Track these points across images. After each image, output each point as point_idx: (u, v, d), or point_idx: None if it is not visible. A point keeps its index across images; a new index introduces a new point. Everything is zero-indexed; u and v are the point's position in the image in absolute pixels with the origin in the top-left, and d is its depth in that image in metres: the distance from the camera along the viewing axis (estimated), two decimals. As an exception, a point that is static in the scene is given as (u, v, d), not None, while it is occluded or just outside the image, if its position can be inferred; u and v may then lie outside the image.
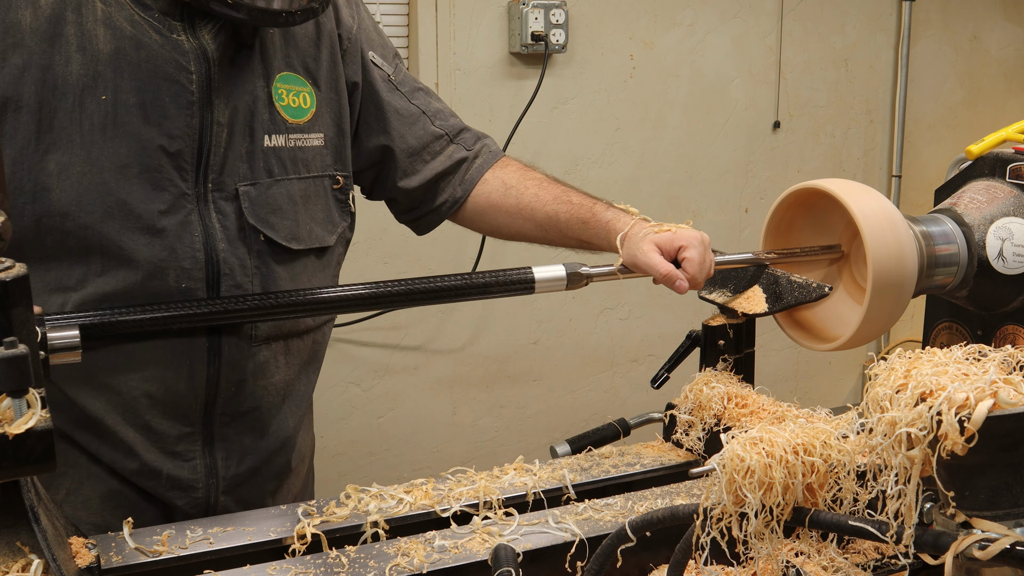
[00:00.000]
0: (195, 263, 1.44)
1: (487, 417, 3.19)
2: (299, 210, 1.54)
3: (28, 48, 1.36)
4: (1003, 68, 3.89)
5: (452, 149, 1.74)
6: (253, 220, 1.48)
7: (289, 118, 1.53)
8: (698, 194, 3.36)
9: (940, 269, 1.71)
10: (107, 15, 1.39)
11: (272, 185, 1.51)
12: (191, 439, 1.51)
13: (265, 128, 1.50)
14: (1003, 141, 1.88)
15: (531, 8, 2.88)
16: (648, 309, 3.35)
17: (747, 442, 1.03)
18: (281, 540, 1.31)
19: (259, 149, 1.50)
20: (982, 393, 0.86)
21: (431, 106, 1.74)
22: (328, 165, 1.60)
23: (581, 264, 1.58)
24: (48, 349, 1.22)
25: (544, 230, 1.72)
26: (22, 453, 0.92)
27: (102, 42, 1.38)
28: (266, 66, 1.51)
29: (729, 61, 3.33)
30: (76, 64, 1.37)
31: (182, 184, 1.43)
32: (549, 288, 1.56)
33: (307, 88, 1.56)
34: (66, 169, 1.38)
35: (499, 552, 1.20)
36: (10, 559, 1.02)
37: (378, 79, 1.68)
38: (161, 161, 1.41)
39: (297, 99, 1.54)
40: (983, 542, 0.88)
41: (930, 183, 3.59)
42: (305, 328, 1.62)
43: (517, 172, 1.76)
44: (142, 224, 1.41)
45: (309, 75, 1.57)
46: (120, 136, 1.39)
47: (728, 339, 1.64)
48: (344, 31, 1.63)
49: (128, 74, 1.39)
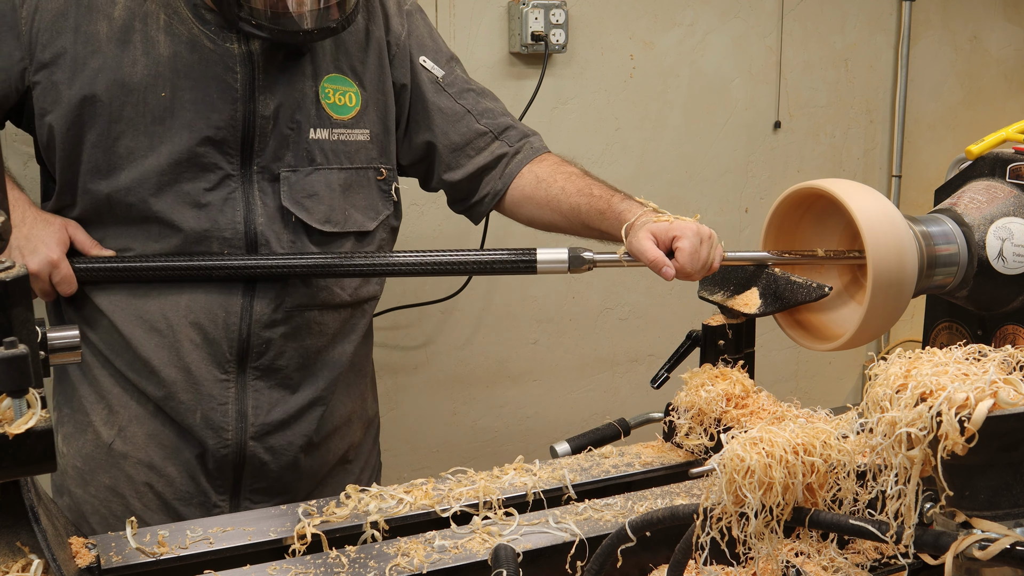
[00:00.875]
0: (235, 234, 1.67)
1: (487, 417, 3.19)
2: (336, 197, 1.74)
3: (104, 54, 1.62)
4: (1003, 68, 3.89)
5: (495, 145, 1.89)
6: (287, 203, 1.70)
7: (334, 115, 1.74)
8: (698, 194, 3.36)
9: (940, 269, 1.71)
10: (169, 24, 1.65)
11: (312, 172, 1.72)
12: (225, 385, 1.70)
13: (311, 122, 1.72)
14: (1003, 141, 1.88)
15: (531, 8, 2.88)
16: (648, 309, 3.35)
17: (747, 442, 1.03)
18: (281, 540, 1.31)
19: (304, 140, 1.71)
20: (982, 393, 0.86)
21: (479, 106, 1.90)
22: (373, 159, 1.80)
23: (585, 249, 1.66)
24: (48, 349, 1.23)
25: (569, 221, 1.84)
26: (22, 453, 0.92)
27: (163, 47, 1.64)
28: (315, 68, 1.73)
29: (729, 61, 3.32)
30: (141, 66, 1.63)
31: (227, 166, 1.67)
32: (552, 270, 1.67)
33: (353, 88, 1.77)
34: (132, 153, 1.64)
35: (499, 552, 1.20)
36: (10, 559, 1.02)
37: (425, 81, 1.86)
38: (208, 147, 1.65)
39: (343, 98, 1.76)
40: (983, 542, 0.88)
41: (930, 183, 3.59)
42: (340, 302, 1.79)
43: (551, 166, 1.88)
44: (190, 199, 1.65)
45: (356, 76, 1.78)
46: (176, 126, 1.64)
47: (728, 339, 1.64)
48: (392, 37, 1.83)
49: (184, 74, 1.64)
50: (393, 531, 1.34)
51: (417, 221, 2.77)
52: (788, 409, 1.51)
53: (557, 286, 3.14)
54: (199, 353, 1.69)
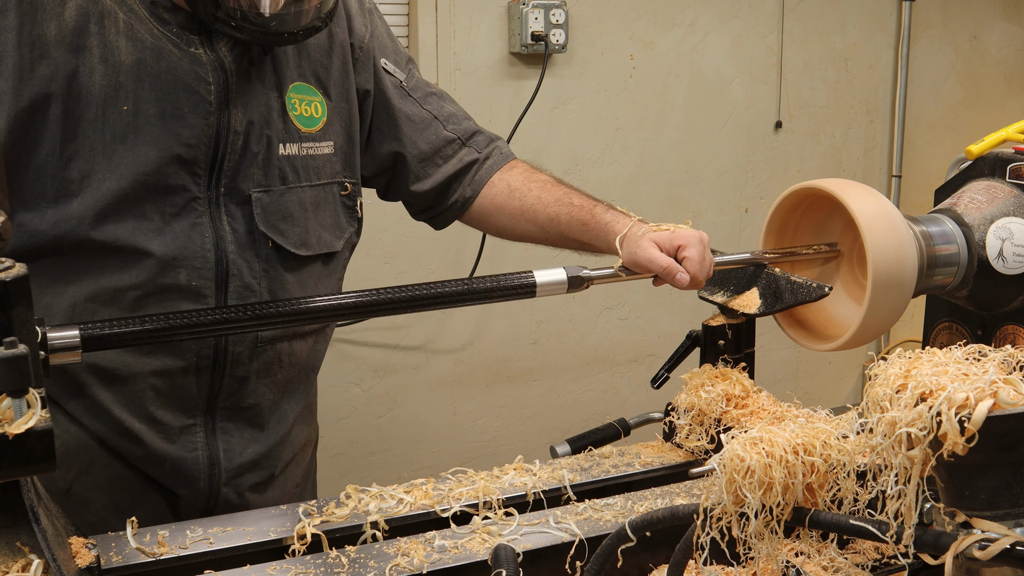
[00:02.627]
0: (205, 263, 1.50)
1: (487, 417, 3.19)
2: (309, 217, 1.59)
3: (54, 59, 1.40)
4: (1003, 68, 3.89)
5: (464, 152, 1.77)
6: (264, 227, 1.54)
7: (302, 127, 1.58)
8: (698, 194, 3.36)
9: (940, 269, 1.71)
10: (129, 27, 1.43)
11: (285, 192, 1.56)
12: (193, 430, 1.55)
13: (280, 136, 1.55)
14: (1003, 141, 1.88)
15: (531, 8, 2.88)
16: (648, 309, 3.35)
17: (747, 442, 1.03)
18: (281, 540, 1.31)
19: (275, 156, 1.55)
20: (982, 393, 0.86)
21: (444, 110, 1.77)
22: (337, 172, 1.64)
23: (582, 267, 1.58)
24: (48, 349, 1.23)
25: (546, 232, 1.74)
26: (22, 453, 0.92)
27: (124, 53, 1.43)
28: (279, 77, 1.56)
29: (729, 61, 3.33)
30: (99, 75, 1.42)
31: (194, 188, 1.49)
32: (551, 292, 1.56)
33: (318, 97, 1.61)
34: (87, 176, 1.43)
35: (499, 552, 1.20)
36: (10, 559, 1.02)
37: (390, 86, 1.72)
38: (176, 168, 1.46)
39: (309, 108, 1.59)
40: (983, 542, 0.88)
41: (930, 183, 3.59)
42: (310, 330, 1.66)
43: (523, 174, 1.78)
44: (154, 226, 1.47)
45: (320, 85, 1.62)
46: (140, 145, 1.44)
47: (728, 339, 1.64)
48: (356, 40, 1.67)
49: (149, 84, 1.44)
50: (393, 531, 1.34)
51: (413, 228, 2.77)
52: (788, 409, 1.51)
53: (557, 286, 3.14)
54: (163, 400, 1.52)
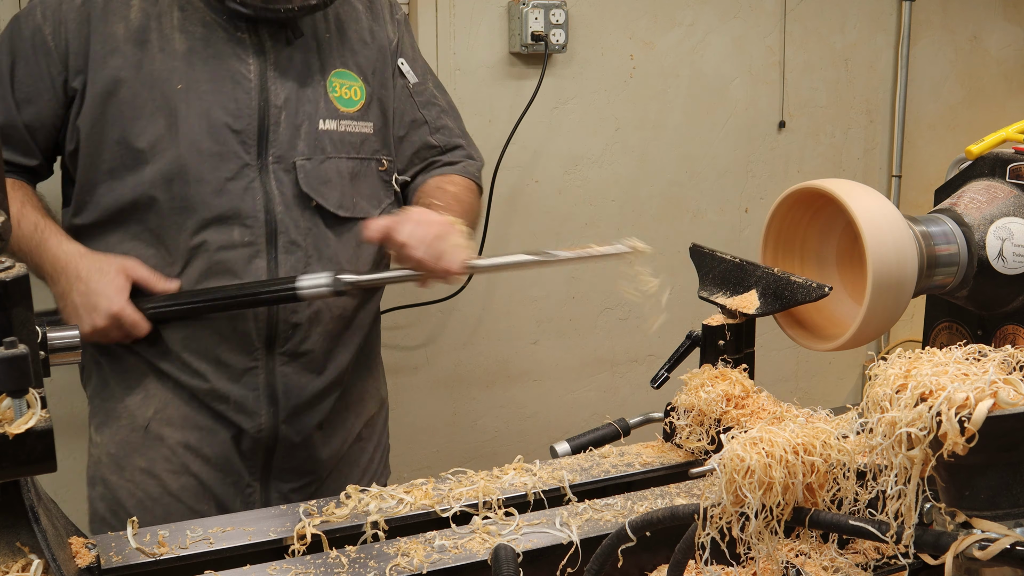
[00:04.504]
0: (256, 221, 1.74)
1: (487, 417, 3.18)
2: (346, 184, 1.83)
3: (122, 53, 1.71)
4: (1003, 68, 3.89)
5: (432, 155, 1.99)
6: (306, 188, 1.78)
7: (341, 107, 1.83)
8: (698, 194, 3.36)
9: (940, 269, 1.71)
10: (182, 22, 1.74)
11: (324, 161, 1.80)
12: (255, 372, 1.78)
13: (321, 114, 1.80)
14: (1003, 141, 1.88)
15: (531, 8, 2.88)
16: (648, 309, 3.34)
17: (747, 442, 1.03)
18: (281, 540, 1.31)
19: (315, 131, 1.80)
20: (982, 393, 0.86)
21: (439, 121, 2.01)
22: (376, 150, 1.89)
23: (349, 273, 1.74)
24: (48, 349, 1.23)
25: None
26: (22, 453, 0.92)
27: (178, 43, 1.73)
28: (323, 62, 1.83)
29: (729, 61, 3.32)
30: (158, 62, 1.71)
31: (245, 156, 1.74)
32: (315, 295, 1.71)
33: (358, 83, 1.87)
34: (154, 146, 1.71)
35: (499, 552, 1.20)
36: (10, 559, 1.02)
37: (399, 86, 1.95)
38: (227, 136, 1.73)
39: (349, 91, 1.85)
40: (983, 542, 0.88)
41: (930, 183, 3.59)
42: None
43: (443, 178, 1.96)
44: (212, 188, 1.72)
45: (360, 72, 1.88)
46: (194, 117, 1.71)
47: (728, 339, 1.64)
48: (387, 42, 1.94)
49: (199, 67, 1.73)
50: (393, 531, 1.34)
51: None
52: (788, 409, 1.50)
53: (557, 286, 3.14)
54: (228, 344, 1.76)
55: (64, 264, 1.69)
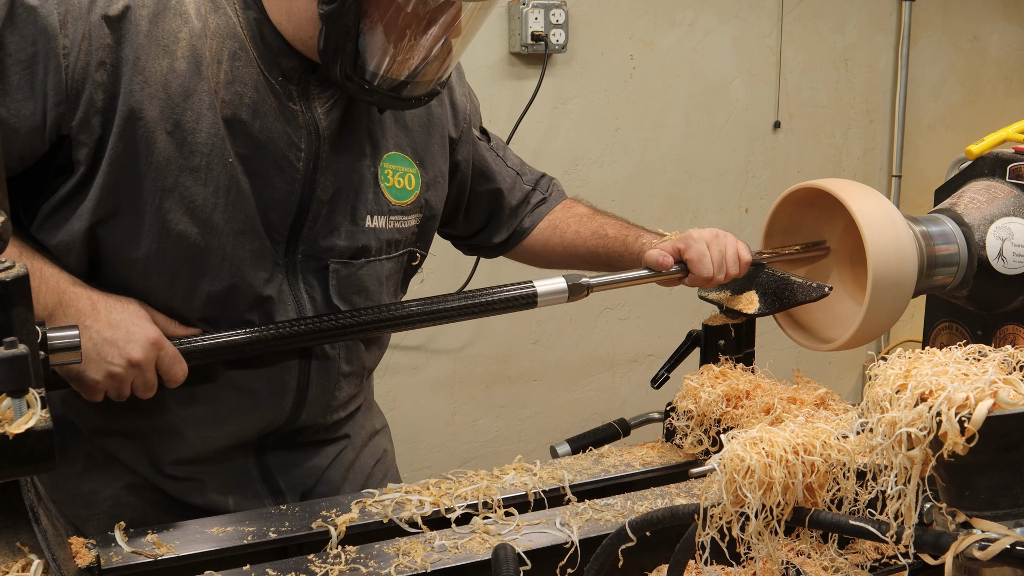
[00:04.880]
0: None
1: (487, 417, 3.19)
2: (383, 290, 1.55)
3: (163, 100, 1.32)
4: (1003, 68, 3.89)
5: (533, 196, 1.83)
6: (337, 299, 1.48)
7: (393, 199, 1.53)
8: (698, 194, 3.36)
9: (940, 269, 1.71)
10: (233, 75, 1.36)
11: (364, 266, 1.51)
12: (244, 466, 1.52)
13: (368, 208, 1.50)
14: (1003, 141, 1.88)
15: (531, 8, 2.88)
16: (648, 309, 3.35)
17: (747, 442, 1.03)
18: (281, 540, 1.31)
19: (360, 229, 1.49)
20: (982, 393, 0.86)
21: (515, 161, 1.82)
22: (412, 242, 1.61)
23: (582, 274, 1.59)
24: (48, 349, 1.22)
25: (590, 264, 1.79)
26: (22, 453, 0.92)
27: (227, 107, 1.36)
28: (374, 145, 1.51)
29: (729, 61, 3.32)
30: (206, 123, 1.34)
31: (275, 254, 1.44)
32: (552, 301, 1.56)
33: (413, 169, 1.56)
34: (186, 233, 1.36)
35: (499, 552, 1.20)
36: (10, 559, 1.02)
37: (485, 151, 1.75)
38: (262, 231, 1.41)
39: (403, 180, 1.54)
40: (983, 542, 0.88)
41: (930, 183, 3.59)
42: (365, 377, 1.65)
43: (562, 210, 1.83)
44: (252, 292, 1.42)
45: (416, 156, 1.57)
46: (239, 201, 1.38)
47: (728, 339, 1.64)
48: (459, 112, 1.67)
49: (243, 141, 1.37)
50: (393, 531, 1.34)
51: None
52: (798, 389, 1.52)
53: (557, 286, 3.14)
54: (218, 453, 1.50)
55: (72, 296, 1.33)
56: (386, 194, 1.51)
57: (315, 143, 1.42)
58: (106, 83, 1.29)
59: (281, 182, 1.40)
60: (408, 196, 1.55)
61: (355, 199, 1.48)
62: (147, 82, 1.31)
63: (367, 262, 1.51)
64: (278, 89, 1.39)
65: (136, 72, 1.30)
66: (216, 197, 1.36)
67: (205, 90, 1.34)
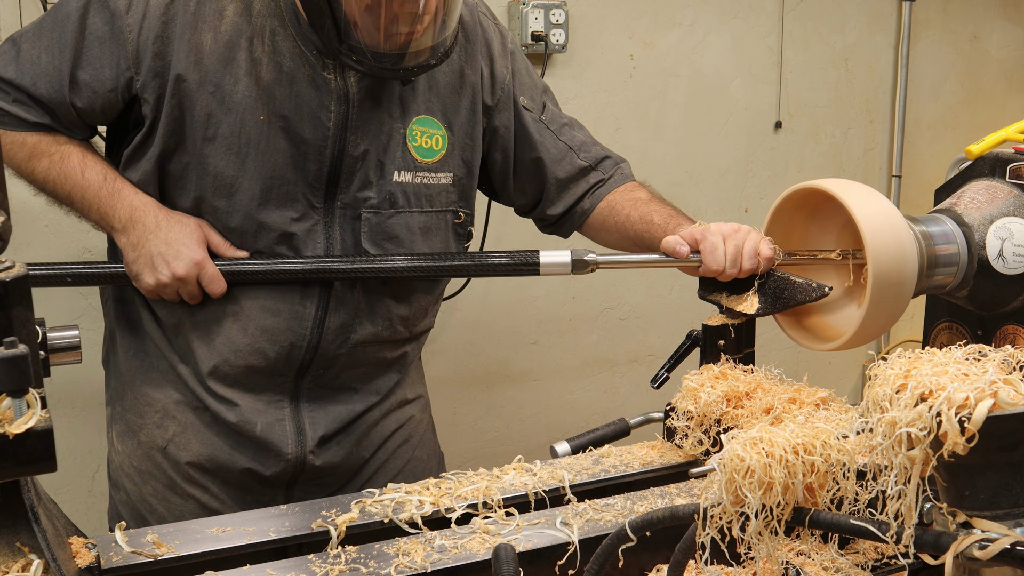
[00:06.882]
0: None
1: (487, 417, 3.19)
2: (416, 239, 1.76)
3: (205, 67, 1.62)
4: (1003, 68, 3.89)
5: (592, 175, 1.94)
6: (367, 243, 1.72)
7: (419, 158, 1.75)
8: (698, 194, 3.36)
9: (940, 269, 1.71)
10: (273, 48, 1.64)
11: (393, 215, 1.73)
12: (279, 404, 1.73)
13: (396, 164, 1.72)
14: (1003, 141, 1.88)
15: (531, 8, 2.88)
16: (648, 309, 3.35)
17: (747, 442, 1.03)
18: (281, 540, 1.31)
19: (388, 182, 1.72)
20: (982, 393, 0.86)
21: (576, 139, 1.94)
22: (452, 202, 1.81)
23: (588, 251, 1.69)
24: (48, 349, 1.22)
25: (638, 247, 1.87)
26: (22, 453, 0.92)
27: (265, 71, 1.64)
28: (404, 109, 1.73)
29: (729, 61, 3.32)
30: (242, 86, 1.63)
31: (312, 199, 1.69)
32: (554, 271, 1.69)
33: (441, 131, 1.77)
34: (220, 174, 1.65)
35: (499, 552, 1.20)
36: (10, 559, 1.02)
37: (529, 122, 1.88)
38: (297, 179, 1.67)
39: (430, 141, 1.76)
40: (983, 542, 0.88)
41: (930, 183, 3.59)
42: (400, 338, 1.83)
43: (622, 192, 1.93)
44: (277, 228, 1.68)
45: (445, 119, 1.78)
46: (268, 152, 1.65)
47: (728, 339, 1.64)
48: (498, 83, 1.85)
49: (280, 103, 1.64)
50: (392, 531, 1.34)
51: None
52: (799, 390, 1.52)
53: (557, 286, 3.14)
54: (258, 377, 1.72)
55: (142, 213, 1.64)
56: (413, 153, 1.74)
57: (344, 107, 1.67)
58: (161, 53, 1.61)
59: (315, 138, 1.66)
60: (435, 155, 1.76)
61: (383, 156, 1.71)
62: (190, 52, 1.61)
63: (396, 212, 1.73)
64: (312, 60, 1.65)
65: (182, 44, 1.61)
66: (247, 147, 1.64)
67: (244, 59, 1.63)
